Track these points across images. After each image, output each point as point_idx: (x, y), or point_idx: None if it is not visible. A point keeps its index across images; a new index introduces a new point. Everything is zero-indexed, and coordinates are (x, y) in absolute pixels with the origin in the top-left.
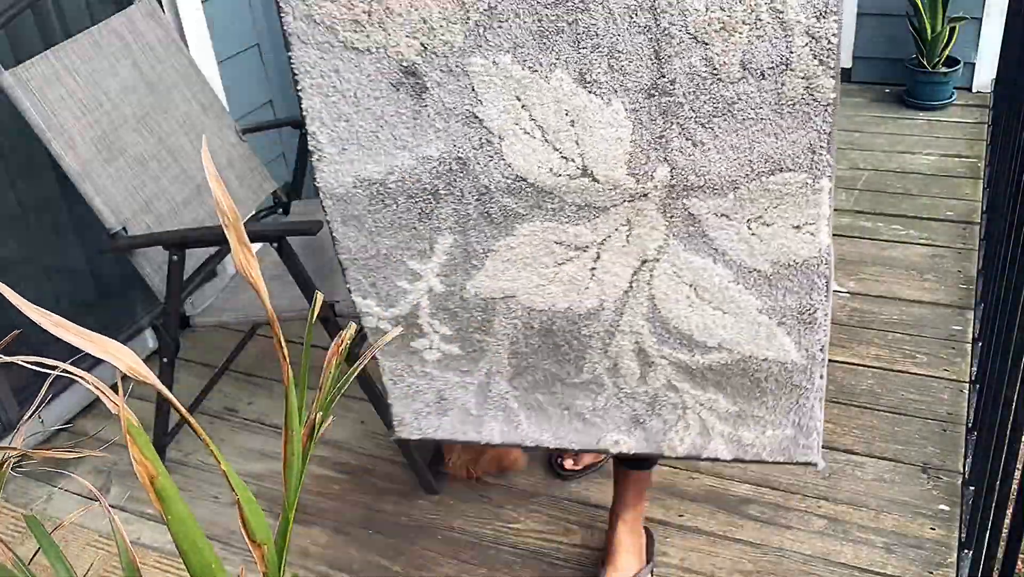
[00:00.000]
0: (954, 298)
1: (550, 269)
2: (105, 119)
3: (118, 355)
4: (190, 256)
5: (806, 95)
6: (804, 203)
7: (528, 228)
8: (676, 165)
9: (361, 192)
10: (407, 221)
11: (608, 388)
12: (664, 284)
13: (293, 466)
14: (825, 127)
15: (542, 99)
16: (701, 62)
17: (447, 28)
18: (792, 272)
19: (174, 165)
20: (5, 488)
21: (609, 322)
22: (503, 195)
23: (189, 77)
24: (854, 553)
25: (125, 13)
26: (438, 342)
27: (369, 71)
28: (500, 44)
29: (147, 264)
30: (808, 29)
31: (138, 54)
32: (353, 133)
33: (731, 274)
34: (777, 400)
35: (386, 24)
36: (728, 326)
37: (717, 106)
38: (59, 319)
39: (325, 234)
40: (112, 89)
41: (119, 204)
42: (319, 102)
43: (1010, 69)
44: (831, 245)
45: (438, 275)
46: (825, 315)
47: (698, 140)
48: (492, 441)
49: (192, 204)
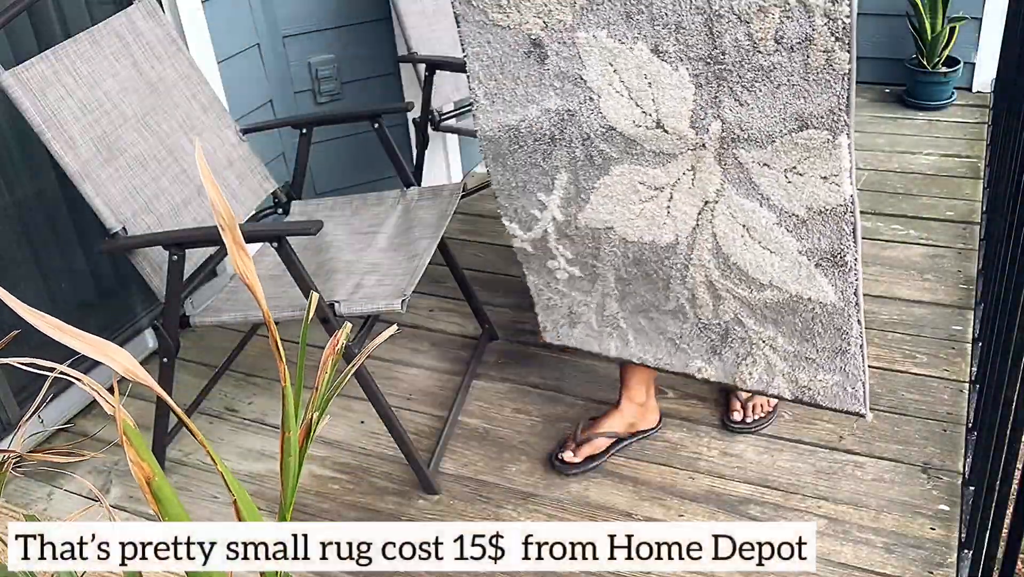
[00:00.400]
0: (954, 298)
1: (636, 206)
2: (105, 119)
3: (115, 357)
4: (190, 256)
5: (826, 66)
6: (828, 156)
7: (619, 169)
8: (726, 120)
9: (504, 135)
10: (535, 160)
11: (690, 317)
12: (723, 223)
13: (290, 467)
14: (843, 93)
15: (627, 65)
16: (744, 37)
17: (560, 10)
18: (824, 218)
19: (174, 165)
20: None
21: (684, 255)
22: (600, 141)
23: (189, 77)
24: (854, 553)
25: (125, 13)
26: (564, 264)
27: (509, 42)
28: (598, 22)
29: (147, 264)
30: (826, 11)
31: (138, 54)
32: (500, 89)
33: (775, 216)
34: (824, 342)
35: (520, 7)
36: (775, 265)
37: (757, 73)
38: (55, 321)
39: (325, 234)
40: (112, 89)
41: (119, 204)
42: (477, 66)
43: (1010, 69)
44: (855, 196)
45: (559, 206)
46: (855, 259)
47: (743, 100)
48: (609, 354)
49: (192, 204)
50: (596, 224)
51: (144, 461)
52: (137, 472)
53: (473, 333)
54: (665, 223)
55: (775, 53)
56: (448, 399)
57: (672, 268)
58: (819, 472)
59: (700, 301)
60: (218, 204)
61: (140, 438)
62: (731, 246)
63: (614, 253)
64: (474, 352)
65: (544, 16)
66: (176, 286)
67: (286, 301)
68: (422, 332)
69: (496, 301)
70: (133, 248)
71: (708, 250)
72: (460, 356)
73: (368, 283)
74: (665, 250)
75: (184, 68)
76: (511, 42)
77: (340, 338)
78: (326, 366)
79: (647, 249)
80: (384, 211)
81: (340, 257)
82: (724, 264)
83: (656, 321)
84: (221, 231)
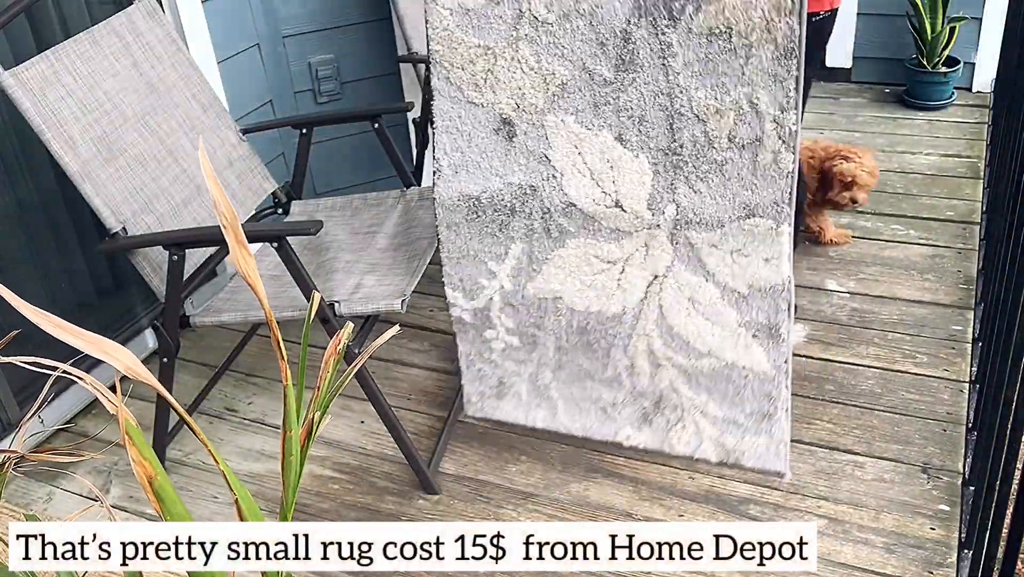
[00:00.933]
0: (954, 298)
1: (588, 277)
2: (105, 119)
3: (116, 356)
4: (190, 256)
5: (773, 164)
6: (771, 241)
7: (575, 243)
8: (681, 205)
9: (463, 204)
10: (491, 230)
11: (625, 385)
12: (670, 296)
13: (291, 466)
14: (787, 188)
15: (592, 149)
16: (701, 134)
17: (533, 94)
18: (763, 294)
19: (174, 165)
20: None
21: (629, 325)
22: (560, 216)
23: (189, 77)
24: (854, 553)
25: (125, 13)
26: (502, 333)
27: (481, 119)
28: (567, 108)
29: (147, 264)
30: (775, 118)
31: (138, 54)
32: (464, 161)
33: (719, 292)
34: (753, 407)
35: (496, 88)
36: (716, 335)
37: (711, 166)
38: (58, 320)
39: (324, 234)
40: (112, 89)
41: (119, 204)
42: (446, 138)
43: (1010, 69)
44: (791, 276)
45: (509, 275)
46: (788, 331)
47: (697, 189)
48: (536, 425)
49: (193, 204)
50: (545, 294)
51: (146, 460)
52: (139, 471)
53: None
54: (614, 294)
55: (728, 150)
56: (448, 399)
57: (616, 337)
58: (819, 472)
59: (638, 369)
60: (221, 203)
61: (142, 437)
62: (675, 317)
63: (558, 322)
64: None
65: (517, 98)
66: (176, 286)
67: (286, 301)
68: (422, 332)
69: None
70: (133, 248)
71: (653, 320)
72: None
73: (368, 283)
74: (611, 320)
75: (184, 68)
76: (482, 119)
77: (342, 338)
78: (328, 366)
79: (593, 318)
80: (384, 211)
81: (340, 257)
82: (667, 333)
83: (589, 390)
84: (224, 230)
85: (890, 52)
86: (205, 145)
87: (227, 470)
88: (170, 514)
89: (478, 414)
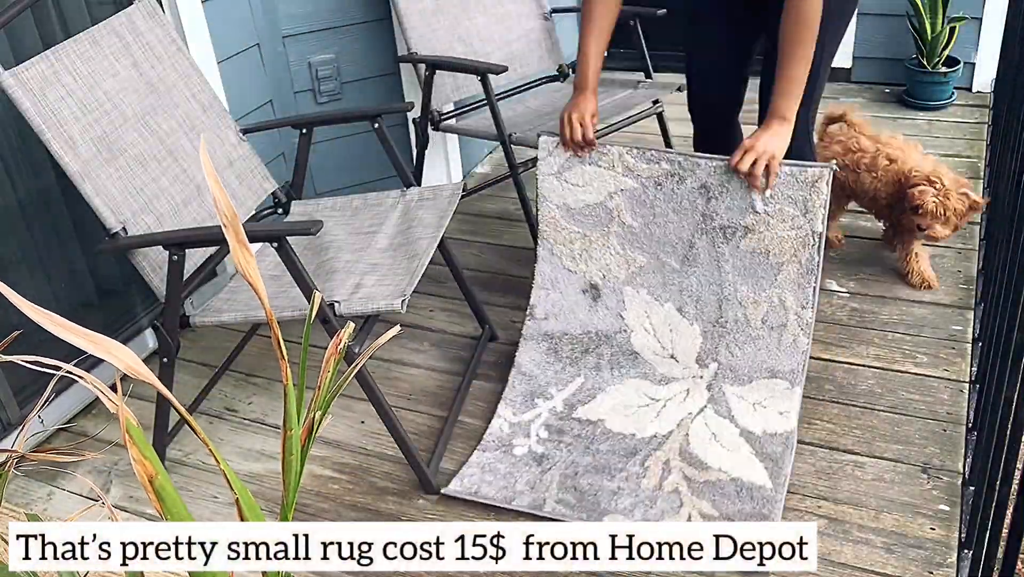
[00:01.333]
0: (954, 298)
1: (633, 408)
2: (105, 119)
3: (118, 355)
4: (190, 256)
5: (793, 344)
6: (786, 399)
7: (631, 382)
8: (721, 363)
9: (545, 341)
10: (563, 364)
11: (631, 483)
12: (697, 429)
13: (292, 466)
14: (802, 360)
15: (657, 315)
16: (742, 315)
17: (617, 270)
18: (773, 437)
19: (174, 165)
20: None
21: (654, 446)
22: (623, 358)
23: (189, 77)
24: (854, 553)
25: (125, 13)
26: (533, 444)
27: (572, 281)
28: (642, 283)
29: (147, 264)
30: (797, 313)
31: (138, 54)
32: (555, 309)
33: (738, 430)
34: (750, 510)
35: (587, 262)
36: (728, 458)
37: (747, 338)
38: (60, 319)
39: (324, 234)
40: (112, 89)
41: (119, 204)
42: (543, 292)
43: (1010, 69)
44: (796, 427)
45: (564, 400)
46: (789, 462)
47: (734, 352)
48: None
49: (193, 204)
50: (591, 416)
51: (147, 459)
52: (140, 470)
53: (473, 333)
54: (651, 423)
55: (760, 329)
56: (448, 399)
57: (637, 452)
58: (819, 472)
59: (650, 474)
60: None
61: (143, 436)
62: (697, 445)
63: (590, 437)
64: (474, 352)
65: (604, 271)
66: (176, 286)
67: (286, 301)
68: (422, 332)
69: (496, 301)
70: (133, 248)
71: (678, 444)
72: (460, 356)
73: (368, 283)
74: (641, 441)
75: (184, 68)
76: (575, 282)
77: (343, 338)
78: (328, 365)
79: (625, 438)
80: (384, 211)
81: (340, 257)
82: (687, 453)
83: (586, 491)
84: (224, 229)
85: (890, 52)
86: (205, 145)
87: (228, 469)
88: (171, 514)
89: (458, 493)
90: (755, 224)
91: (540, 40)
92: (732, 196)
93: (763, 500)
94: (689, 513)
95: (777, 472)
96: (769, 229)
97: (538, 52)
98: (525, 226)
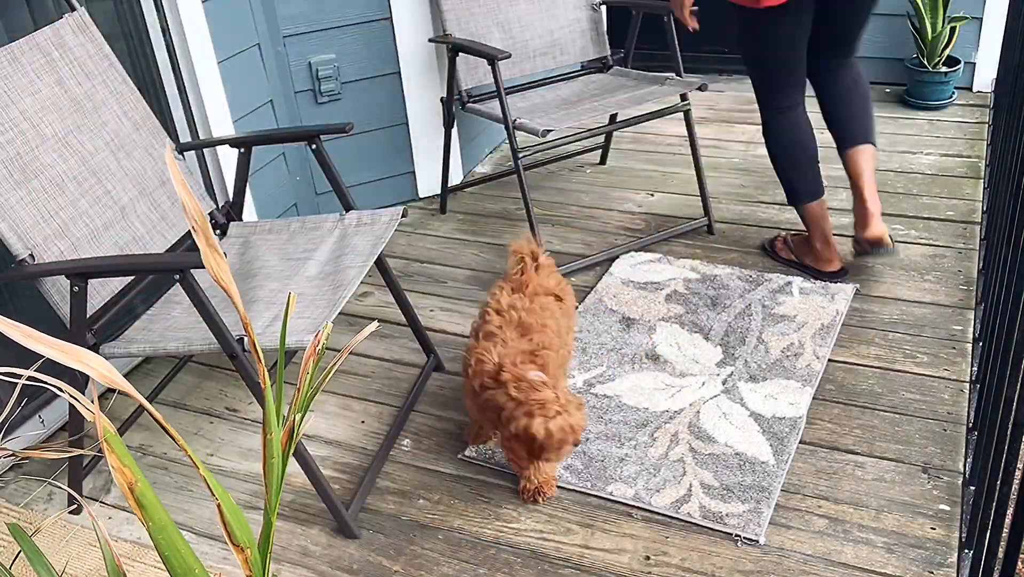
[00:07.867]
0: (954, 298)
1: (649, 390)
2: (20, 139)
3: (90, 363)
4: (105, 284)
5: (807, 367)
6: (796, 393)
7: (652, 373)
8: (738, 369)
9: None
10: (588, 357)
11: (634, 458)
12: (709, 410)
13: (273, 468)
14: (811, 377)
15: (684, 338)
16: (763, 348)
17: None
18: (782, 420)
19: (96, 186)
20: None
21: (665, 420)
22: (647, 359)
23: (121, 94)
24: (854, 553)
25: (52, 27)
26: None
27: (613, 320)
28: (673, 320)
29: (55, 292)
30: (814, 351)
31: (64, 70)
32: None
33: (748, 412)
34: (750, 482)
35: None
36: (735, 434)
37: (765, 359)
38: (29, 330)
39: (255, 259)
40: (30, 108)
41: (28, 229)
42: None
43: (1010, 69)
44: (804, 417)
45: (584, 380)
46: (794, 443)
47: (751, 365)
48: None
49: (115, 228)
50: (608, 392)
51: (127, 467)
52: (119, 478)
53: None
54: (664, 402)
55: (778, 354)
56: (448, 399)
57: (648, 424)
58: (819, 472)
59: (658, 444)
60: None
61: (122, 444)
62: (708, 421)
63: (604, 408)
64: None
65: (643, 311)
66: (80, 318)
67: (200, 333)
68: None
69: None
70: (35, 277)
71: (688, 420)
72: (461, 356)
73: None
74: (652, 414)
75: (116, 85)
76: (613, 320)
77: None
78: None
79: (638, 412)
80: (321, 236)
81: (265, 285)
82: (695, 427)
83: (595, 457)
84: (193, 232)
85: (891, 52)
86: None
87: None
88: (152, 521)
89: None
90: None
91: (585, 30)
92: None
93: (764, 474)
94: (691, 483)
95: (781, 449)
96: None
97: (581, 42)
98: (526, 225)
